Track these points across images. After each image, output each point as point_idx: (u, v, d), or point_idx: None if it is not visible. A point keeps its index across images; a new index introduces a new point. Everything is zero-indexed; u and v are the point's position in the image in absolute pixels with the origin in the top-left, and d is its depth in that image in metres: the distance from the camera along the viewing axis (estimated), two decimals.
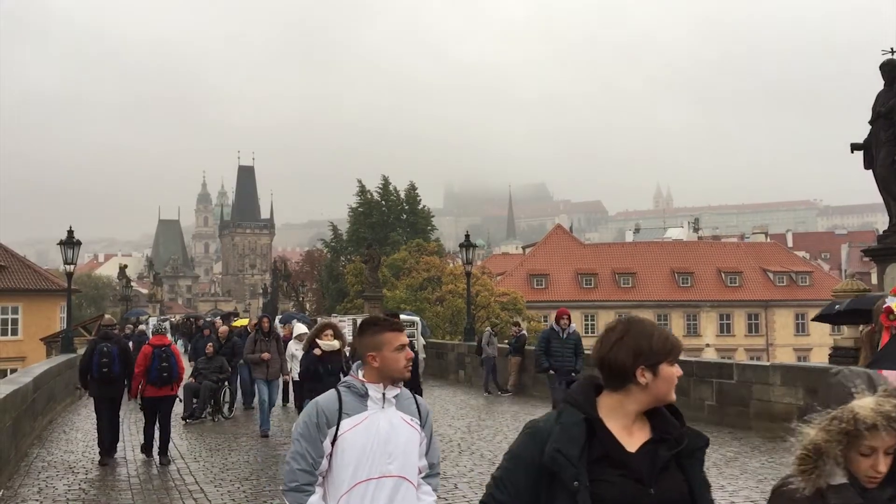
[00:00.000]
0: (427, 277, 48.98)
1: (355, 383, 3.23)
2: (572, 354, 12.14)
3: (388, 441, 3.17)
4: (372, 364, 3.22)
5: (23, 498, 8.93)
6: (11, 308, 44.53)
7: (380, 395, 3.21)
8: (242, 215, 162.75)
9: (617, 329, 2.30)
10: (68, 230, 23.45)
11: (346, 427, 3.14)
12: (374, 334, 3.26)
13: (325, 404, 3.18)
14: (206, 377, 15.24)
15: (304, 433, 3.15)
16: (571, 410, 2.24)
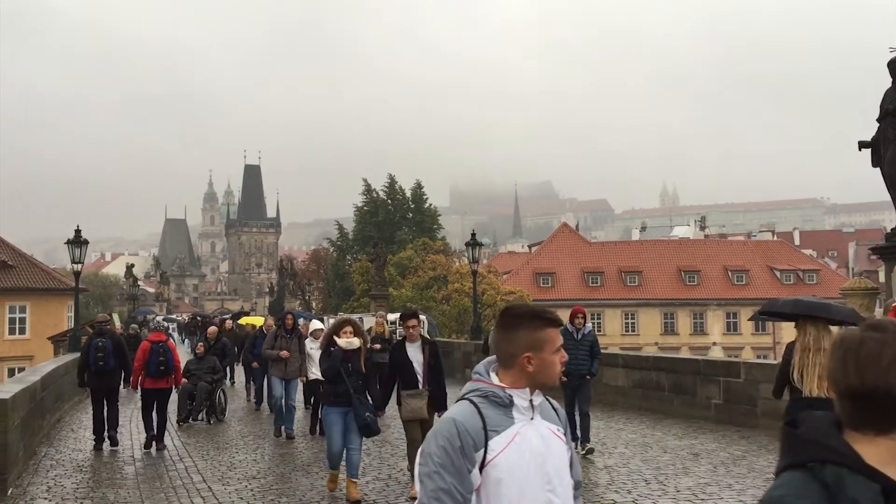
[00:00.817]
0: (433, 276, 49.02)
1: (494, 390, 2.52)
2: (587, 356, 11.18)
3: (543, 461, 2.52)
4: (525, 367, 2.54)
5: (32, 496, 8.97)
6: (19, 307, 44.72)
7: (527, 404, 2.55)
8: (248, 214, 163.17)
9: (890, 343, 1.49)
10: (75, 229, 23.51)
11: (497, 448, 2.45)
12: (534, 330, 2.56)
13: (466, 421, 2.45)
14: (200, 378, 14.78)
15: (445, 463, 2.38)
16: (856, 479, 1.42)
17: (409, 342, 8.53)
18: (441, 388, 8.43)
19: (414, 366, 8.32)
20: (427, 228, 60.87)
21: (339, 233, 66.69)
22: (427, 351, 8.41)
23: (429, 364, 8.35)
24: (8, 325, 44.37)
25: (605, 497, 8.32)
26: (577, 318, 11.40)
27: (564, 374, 11.28)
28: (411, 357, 8.37)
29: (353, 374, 8.22)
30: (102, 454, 11.77)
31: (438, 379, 8.44)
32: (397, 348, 8.68)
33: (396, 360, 8.49)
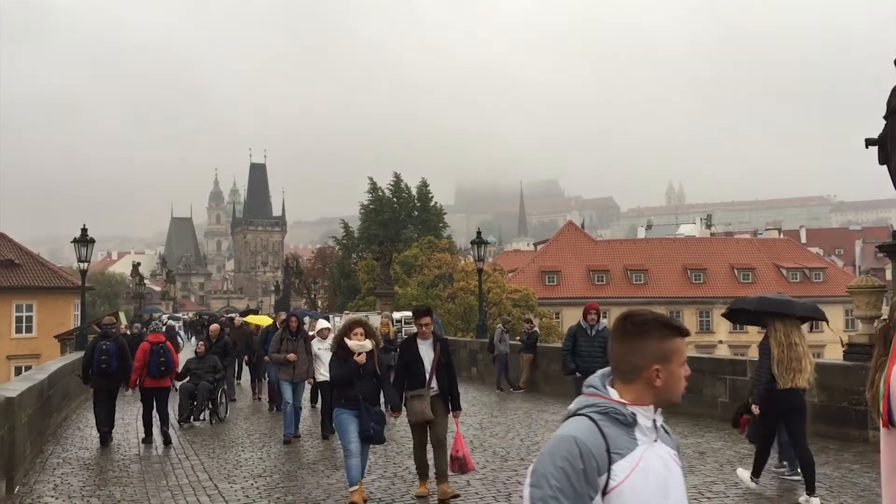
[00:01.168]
0: (439, 274, 49.04)
1: (615, 406, 2.24)
2: (602, 354, 10.50)
3: (667, 489, 2.24)
4: (653, 381, 2.27)
5: (38, 494, 9.00)
6: (26, 305, 44.89)
7: (650, 424, 2.27)
8: (254, 213, 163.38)
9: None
10: (82, 228, 23.57)
11: (621, 474, 2.16)
12: (663, 340, 2.30)
13: (588, 440, 2.16)
14: (200, 377, 14.51)
15: (564, 487, 2.09)
16: None
17: (420, 339, 8.26)
18: (453, 386, 8.21)
19: (424, 363, 8.06)
20: (433, 227, 60.88)
21: (344, 231, 66.75)
22: (438, 349, 8.15)
23: (439, 362, 8.09)
24: (15, 323, 44.54)
25: None
26: (591, 315, 10.93)
27: (579, 371, 10.61)
28: (422, 354, 8.11)
29: (365, 378, 7.92)
30: (110, 451, 11.80)
31: (450, 378, 8.20)
32: (408, 344, 8.37)
33: (406, 357, 8.23)
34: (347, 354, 7.94)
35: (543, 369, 19.46)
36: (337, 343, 8.18)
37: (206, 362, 14.89)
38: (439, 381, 8.08)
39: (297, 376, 12.53)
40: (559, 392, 17.40)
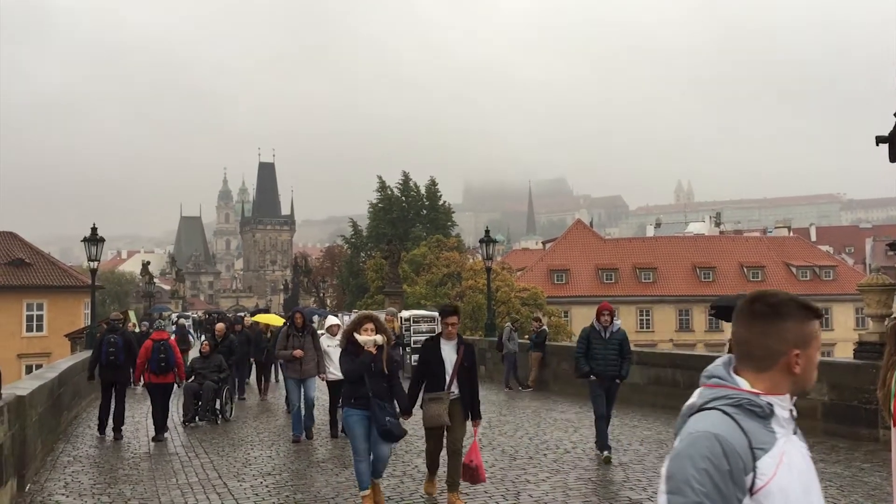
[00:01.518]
0: (447, 273, 49.03)
1: (749, 397, 2.03)
2: (616, 356, 10.17)
3: (809, 486, 2.05)
4: (792, 368, 2.07)
5: (49, 492, 9.04)
6: (37, 304, 45.11)
7: (787, 414, 2.08)
8: (263, 212, 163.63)
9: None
10: (92, 227, 23.67)
11: (767, 472, 1.95)
12: (803, 322, 2.10)
13: (730, 436, 1.93)
14: (205, 377, 14.39)
15: (710, 491, 1.87)
16: None
17: (444, 340, 7.86)
18: (474, 392, 7.83)
19: (445, 366, 7.69)
20: (441, 225, 60.89)
21: (353, 230, 66.82)
22: (462, 351, 7.74)
23: (461, 365, 7.70)
24: (26, 322, 44.77)
25: (621, 494, 8.30)
26: (604, 316, 10.33)
27: (594, 374, 10.24)
28: (445, 356, 7.72)
29: (376, 376, 7.46)
30: (119, 449, 11.86)
31: (472, 383, 7.79)
32: (430, 345, 7.91)
33: (426, 358, 7.84)
34: (357, 350, 7.55)
35: (552, 368, 19.45)
36: (346, 338, 7.73)
37: (211, 362, 14.75)
38: (460, 386, 7.73)
39: (305, 373, 12.26)
40: (568, 391, 17.39)
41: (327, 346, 12.07)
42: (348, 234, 68.12)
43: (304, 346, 12.25)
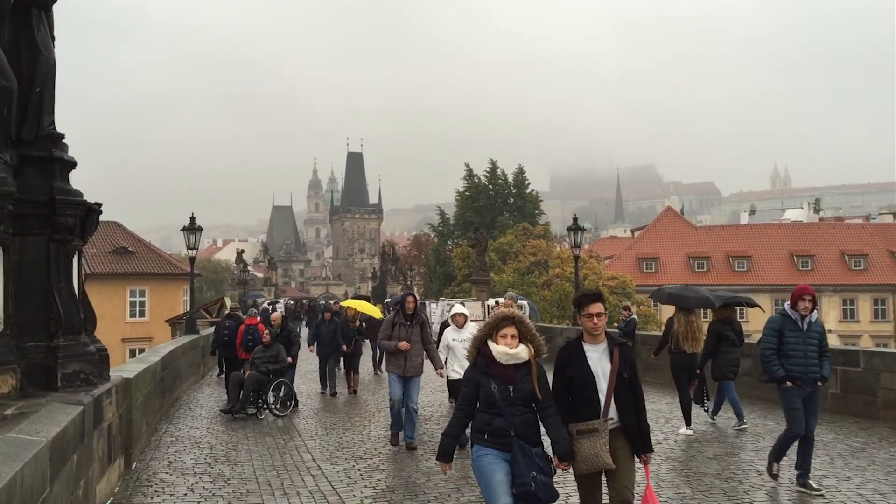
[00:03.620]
0: (534, 261, 48.81)
1: None
2: (815, 354, 8.01)
3: None
4: None
5: (154, 471, 9.46)
6: (139, 291, 47.20)
7: None
8: (351, 201, 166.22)
9: None
10: (191, 217, 24.49)
11: None
12: None
13: None
14: (258, 368, 13.91)
15: None
16: None
17: (588, 342, 5.46)
18: (641, 414, 5.42)
19: (597, 381, 5.32)
20: (528, 213, 60.63)
21: (440, 218, 67.18)
22: (617, 357, 5.37)
23: (619, 377, 5.33)
24: (129, 308, 46.91)
25: (715, 486, 8.12)
26: (804, 301, 7.97)
27: (790, 378, 7.96)
28: (594, 366, 5.35)
29: (519, 403, 5.16)
30: (217, 433, 12.28)
31: (637, 402, 5.41)
32: (571, 352, 5.45)
33: (569, 371, 5.39)
34: (491, 365, 5.26)
35: (642, 357, 19.11)
36: (476, 347, 5.39)
37: (269, 352, 14.21)
38: (620, 408, 5.34)
39: (410, 370, 10.55)
40: (659, 380, 17.07)
41: (451, 339, 10.49)
42: (435, 222, 68.53)
43: (412, 338, 10.59)
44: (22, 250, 7.28)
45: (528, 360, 5.26)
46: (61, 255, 7.55)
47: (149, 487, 8.58)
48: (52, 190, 7.45)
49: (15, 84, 7.15)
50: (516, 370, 5.22)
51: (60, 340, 7.35)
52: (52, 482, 5.16)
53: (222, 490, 8.40)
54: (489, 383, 5.19)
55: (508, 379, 5.18)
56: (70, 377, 7.33)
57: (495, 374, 5.20)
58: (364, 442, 11.14)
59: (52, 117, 7.85)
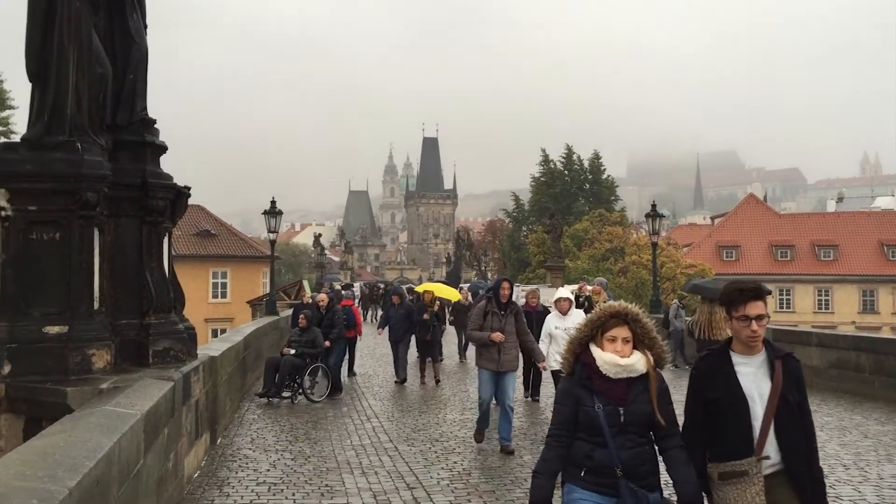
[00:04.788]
0: (610, 248, 48.29)
1: None
2: None
3: None
4: None
5: (238, 446, 9.76)
6: (221, 273, 48.57)
7: None
8: (426, 186, 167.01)
9: None
10: (271, 201, 25.04)
11: None
12: None
13: None
14: (296, 350, 13.64)
15: None
16: None
17: (739, 352, 3.96)
18: (812, 456, 3.91)
19: (750, 405, 3.86)
20: (604, 200, 60.00)
21: (515, 204, 67.02)
22: (780, 373, 3.87)
23: (783, 400, 3.84)
24: (211, 289, 48.30)
25: None
26: None
27: None
28: (746, 385, 3.89)
29: (631, 431, 3.87)
30: (296, 412, 12.57)
31: (807, 437, 3.91)
32: (713, 364, 4.02)
33: (713, 392, 3.96)
34: (593, 379, 3.94)
35: None
36: (573, 352, 4.05)
37: (306, 335, 13.90)
38: (784, 445, 3.84)
39: (503, 364, 9.40)
40: None
41: (554, 327, 9.84)
42: (510, 207, 68.40)
43: (506, 329, 9.45)
44: (116, 232, 7.58)
45: (646, 373, 3.95)
46: (153, 237, 7.84)
47: (233, 462, 8.86)
48: (145, 173, 7.73)
49: (110, 71, 7.43)
50: (629, 386, 3.89)
51: (152, 318, 7.64)
52: (146, 454, 5.39)
53: (303, 467, 8.62)
54: (591, 402, 3.87)
55: (618, 397, 3.87)
56: (161, 354, 7.62)
57: (600, 390, 3.88)
58: (440, 425, 11.24)
59: (144, 103, 8.13)
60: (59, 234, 6.84)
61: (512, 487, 7.76)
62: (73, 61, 7.00)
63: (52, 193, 6.84)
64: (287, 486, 7.82)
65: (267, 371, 13.56)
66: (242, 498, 7.36)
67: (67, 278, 6.84)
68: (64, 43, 6.95)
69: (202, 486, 7.77)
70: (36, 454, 3.95)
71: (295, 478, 8.13)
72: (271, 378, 13.33)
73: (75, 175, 6.82)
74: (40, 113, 7.05)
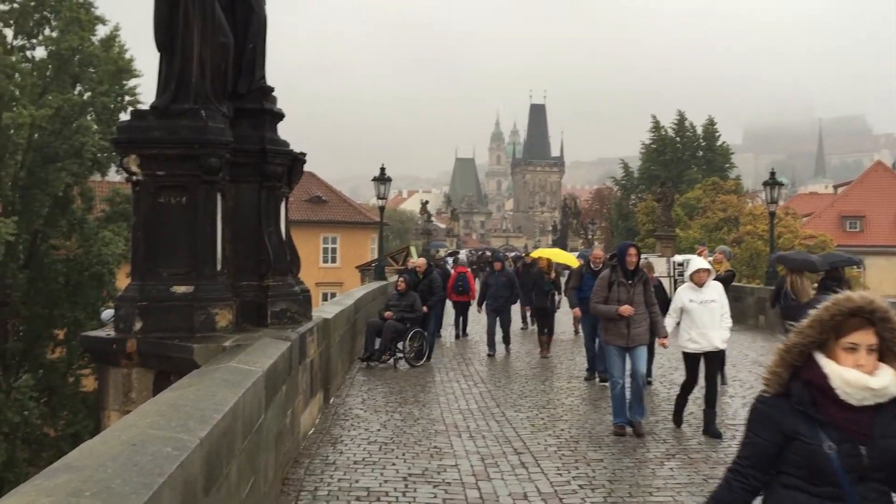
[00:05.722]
0: (723, 217, 46.72)
1: None
2: None
3: None
4: None
5: (349, 406, 10.06)
6: (331, 238, 49.80)
7: None
8: (533, 153, 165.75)
9: None
10: (381, 167, 25.35)
11: None
12: None
13: None
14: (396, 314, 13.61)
15: None
16: None
17: None
18: None
19: None
20: (718, 167, 57.92)
21: (623, 171, 65.63)
22: None
23: None
24: (322, 254, 49.60)
25: None
26: None
27: None
28: None
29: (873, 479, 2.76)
30: (406, 374, 12.82)
31: None
32: None
33: None
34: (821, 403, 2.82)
35: None
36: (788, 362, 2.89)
37: (405, 300, 13.89)
38: None
39: (633, 339, 8.64)
40: None
41: (689, 300, 8.65)
42: (618, 175, 67.01)
43: (634, 300, 8.68)
44: (236, 196, 7.86)
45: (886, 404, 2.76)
46: (271, 202, 8.09)
47: (346, 421, 9.14)
48: (263, 140, 7.96)
49: (231, 40, 7.66)
50: (874, 415, 2.76)
51: (270, 281, 7.92)
52: (267, 409, 5.62)
53: (412, 428, 8.81)
54: (815, 437, 2.77)
55: (860, 431, 2.75)
56: (278, 315, 7.90)
57: (832, 419, 2.77)
58: (547, 392, 11.24)
59: (263, 71, 8.35)
60: (186, 198, 7.14)
61: (620, 457, 7.71)
62: (197, 31, 7.25)
63: (179, 159, 7.14)
64: (397, 445, 8.02)
65: (368, 335, 13.60)
66: (355, 455, 7.60)
67: (193, 241, 7.15)
68: (189, 13, 7.20)
69: (317, 443, 8.06)
70: (168, 406, 4.18)
71: (405, 438, 8.32)
72: (372, 342, 13.42)
73: (200, 141, 7.09)
74: (167, 82, 7.35)
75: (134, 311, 6.97)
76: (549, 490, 6.62)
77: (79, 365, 27.68)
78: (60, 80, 27.76)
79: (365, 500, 6.27)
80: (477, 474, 7.05)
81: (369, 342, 13.48)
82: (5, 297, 27.11)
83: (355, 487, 6.59)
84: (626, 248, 8.94)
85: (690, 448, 8.09)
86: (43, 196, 26.57)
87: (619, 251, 9.01)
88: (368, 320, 14.24)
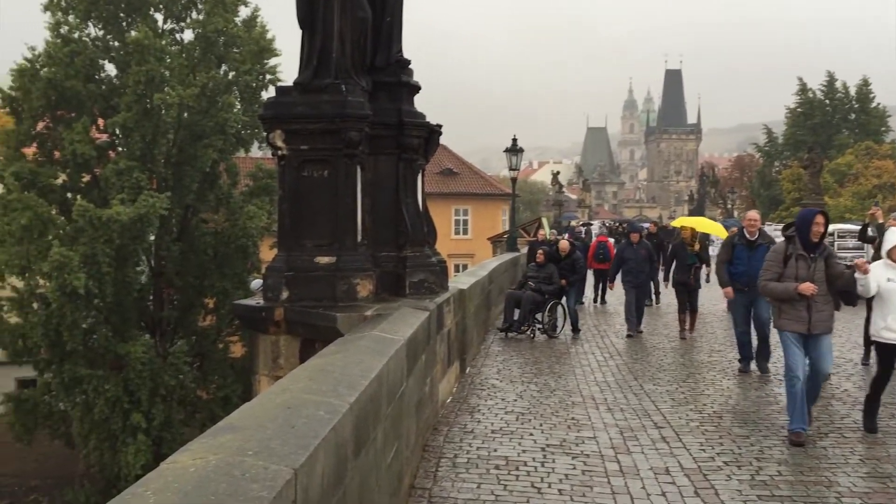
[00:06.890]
0: (877, 184, 43.84)
1: None
2: None
3: None
4: None
5: (485, 376, 10.13)
6: (463, 210, 50.16)
7: None
8: (668, 121, 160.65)
9: None
10: (512, 138, 25.18)
11: None
12: None
13: None
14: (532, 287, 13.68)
15: None
16: None
17: None
18: None
19: None
20: (872, 131, 54.34)
21: (766, 137, 62.64)
22: None
23: None
24: (453, 226, 50.09)
25: None
26: None
27: None
28: None
29: None
30: (539, 346, 12.79)
31: None
32: None
33: None
34: None
35: None
36: None
37: (543, 271, 13.94)
38: None
39: (815, 325, 7.15)
40: None
41: (887, 279, 7.24)
42: (761, 141, 64.06)
43: (816, 278, 7.17)
44: (375, 169, 8.01)
45: None
46: (408, 174, 8.20)
47: (482, 391, 9.22)
48: (401, 113, 8.06)
49: (370, 14, 7.76)
50: None
51: (408, 251, 8.05)
52: (408, 377, 5.73)
53: (549, 399, 8.79)
54: None
55: None
56: (416, 285, 8.02)
57: None
58: (686, 366, 10.94)
59: (400, 45, 8.43)
60: (328, 171, 7.34)
61: (767, 434, 7.39)
62: (336, 7, 7.39)
63: (321, 133, 7.33)
64: (534, 416, 8.02)
65: (507, 305, 13.70)
66: (493, 424, 7.65)
67: (335, 213, 7.36)
68: None
69: (454, 412, 8.17)
70: (318, 371, 4.33)
71: (541, 409, 8.31)
72: (511, 312, 13.48)
73: (340, 115, 7.26)
74: (309, 58, 7.55)
75: (281, 281, 7.26)
76: (693, 465, 6.44)
77: (227, 332, 29.28)
78: (207, 61, 29.10)
79: (504, 469, 6.31)
80: (616, 447, 6.95)
81: (508, 313, 13.52)
82: (161, 268, 28.95)
83: (494, 456, 6.64)
84: (812, 214, 7.34)
85: (846, 426, 7.66)
86: (193, 172, 28.04)
87: (800, 219, 7.42)
88: (507, 291, 14.32)
